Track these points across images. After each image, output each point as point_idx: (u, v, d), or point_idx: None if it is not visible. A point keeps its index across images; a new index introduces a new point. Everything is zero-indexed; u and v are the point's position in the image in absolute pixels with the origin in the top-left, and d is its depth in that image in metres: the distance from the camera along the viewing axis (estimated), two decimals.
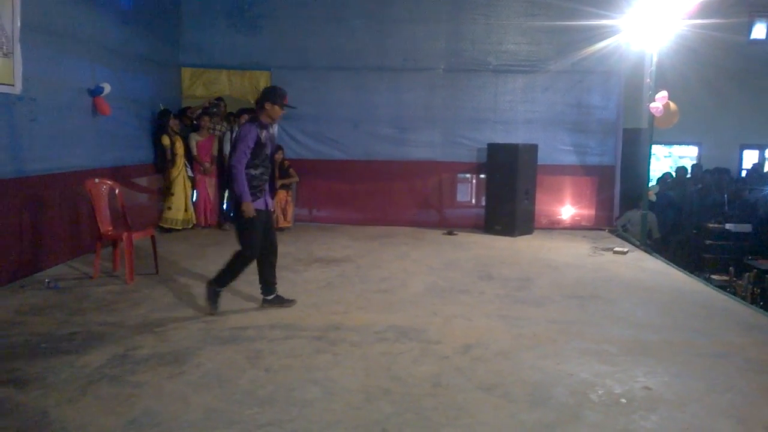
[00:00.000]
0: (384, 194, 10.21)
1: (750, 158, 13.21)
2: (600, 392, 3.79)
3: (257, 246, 5.13)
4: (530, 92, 10.13)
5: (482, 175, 10.03)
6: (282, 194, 9.09)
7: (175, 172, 8.79)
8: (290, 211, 9.32)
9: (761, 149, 13.50)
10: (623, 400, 3.69)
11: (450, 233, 9.47)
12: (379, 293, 6.00)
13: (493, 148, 9.65)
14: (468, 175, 10.22)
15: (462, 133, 10.17)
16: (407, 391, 3.73)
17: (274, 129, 9.34)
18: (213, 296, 5.12)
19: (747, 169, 10.96)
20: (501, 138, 9.88)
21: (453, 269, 7.10)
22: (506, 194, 9.38)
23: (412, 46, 10.05)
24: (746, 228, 8.04)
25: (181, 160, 8.82)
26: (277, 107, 5.04)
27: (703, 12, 8.19)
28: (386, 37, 10.05)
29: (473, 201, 10.24)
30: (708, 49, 10.53)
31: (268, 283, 5.36)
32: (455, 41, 10.06)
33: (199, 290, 5.83)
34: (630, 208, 9.86)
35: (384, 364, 4.14)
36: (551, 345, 4.62)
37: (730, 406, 3.67)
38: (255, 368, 4.00)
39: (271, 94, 5.06)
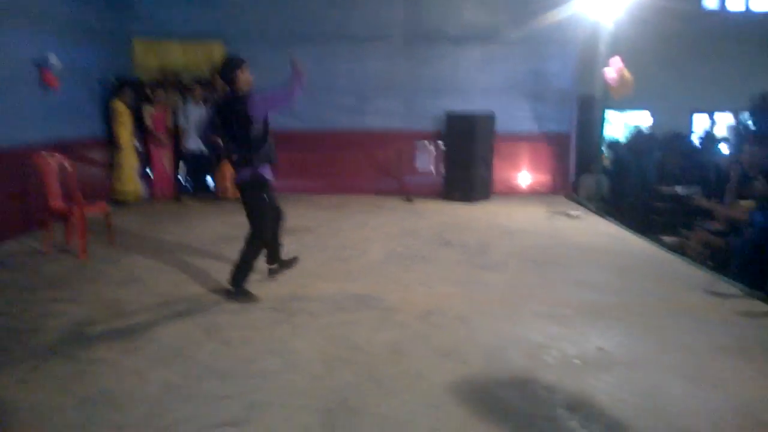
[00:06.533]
0: (344, 163, 10.17)
1: (700, 122, 13.53)
2: (554, 354, 3.88)
3: (268, 225, 4.93)
4: (488, 61, 10.15)
5: (441, 144, 10.05)
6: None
7: (122, 145, 8.57)
8: None
9: (711, 114, 13.83)
10: (577, 362, 3.78)
11: (408, 200, 9.50)
12: (338, 262, 6.00)
13: (452, 117, 9.68)
14: (427, 144, 10.22)
15: (421, 102, 10.17)
16: (367, 359, 3.76)
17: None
18: (243, 295, 4.79)
19: (701, 137, 11.22)
20: (460, 106, 9.88)
21: (412, 236, 7.14)
22: (465, 162, 9.46)
23: (372, 15, 9.93)
24: (696, 190, 8.23)
25: (127, 132, 8.59)
26: (244, 69, 4.71)
27: None
28: (345, 6, 9.90)
29: (432, 170, 10.26)
30: (661, 19, 10.65)
31: (274, 251, 5.31)
32: (414, 10, 9.98)
33: (154, 263, 5.78)
34: (585, 172, 10.04)
35: (344, 333, 4.16)
36: (508, 309, 4.70)
37: (682, 365, 3.79)
38: (213, 341, 3.98)
39: (231, 64, 4.73)
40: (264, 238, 4.91)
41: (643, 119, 13.43)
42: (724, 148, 10.35)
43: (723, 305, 4.91)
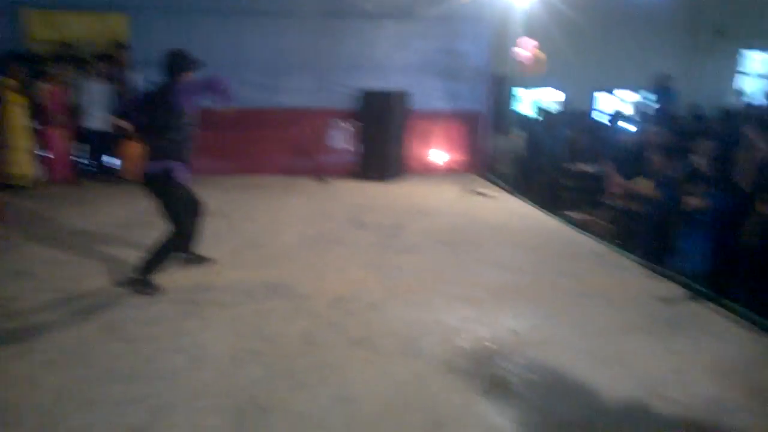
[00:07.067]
0: (257, 143, 9.83)
1: (603, 100, 13.99)
2: (469, 338, 3.91)
3: (187, 219, 4.77)
4: (404, 38, 10.02)
5: (355, 123, 9.92)
6: (136, 145, 8.40)
7: (10, 122, 7.92)
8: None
9: (610, 91, 14.34)
10: (491, 345, 3.82)
11: (323, 180, 9.35)
12: (250, 248, 5.81)
13: (367, 95, 9.56)
14: (342, 123, 10.06)
15: (337, 80, 9.95)
16: (278, 351, 3.66)
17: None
18: (148, 287, 4.50)
19: (611, 115, 11.55)
20: (375, 84, 9.75)
21: (326, 219, 7.02)
22: (380, 140, 9.39)
23: None
24: (602, 169, 8.47)
25: (18, 110, 7.95)
26: (191, 72, 4.71)
27: None
28: None
29: (347, 148, 10.12)
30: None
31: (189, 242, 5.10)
32: None
33: (51, 254, 5.41)
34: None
35: (255, 325, 4.04)
36: (422, 293, 4.70)
37: (590, 344, 3.91)
38: (115, 340, 3.76)
39: (182, 62, 4.65)
40: (183, 234, 4.72)
41: (551, 97, 13.75)
42: (630, 127, 10.70)
43: (628, 283, 5.09)
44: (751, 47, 14.80)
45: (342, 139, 9.90)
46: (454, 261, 5.56)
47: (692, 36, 14.56)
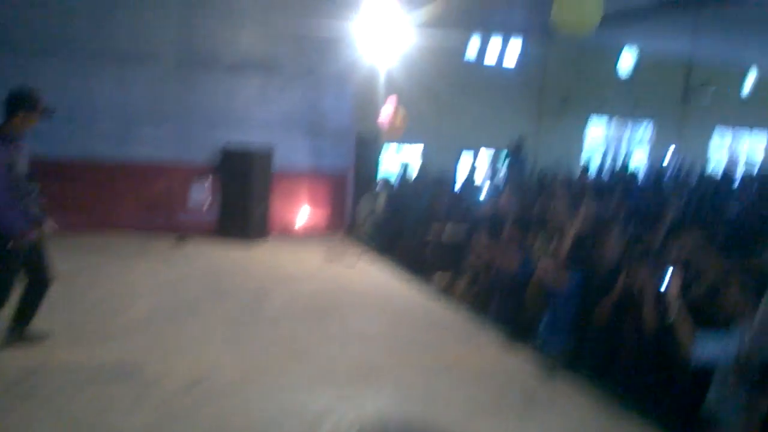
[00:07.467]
0: (106, 198, 9.12)
1: (465, 163, 14.64)
2: (331, 424, 3.68)
3: (11, 286, 4.26)
4: (267, 93, 9.86)
5: (216, 179, 9.52)
6: None
7: None
8: None
9: (475, 152, 15.09)
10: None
11: (180, 240, 8.79)
12: (92, 321, 5.24)
13: (227, 151, 9.23)
14: (201, 179, 9.61)
15: (195, 133, 9.51)
16: None
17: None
18: None
19: (464, 180, 11.99)
20: (237, 139, 9.45)
21: (182, 285, 6.56)
22: (241, 200, 9.05)
23: (140, 34, 9.09)
24: (461, 233, 8.67)
25: None
26: (35, 115, 4.25)
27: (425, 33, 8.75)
28: (109, 21, 8.92)
29: (206, 206, 9.65)
30: (431, 66, 11.37)
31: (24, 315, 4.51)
32: (188, 32, 9.34)
33: None
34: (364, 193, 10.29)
35: (92, 417, 3.57)
36: (284, 373, 4.43)
37: (450, 424, 3.83)
38: None
39: (26, 101, 4.19)
40: (3, 299, 4.18)
41: (415, 157, 14.15)
42: (486, 190, 11.13)
43: (485, 357, 5.09)
44: (593, 114, 16.34)
45: (201, 196, 9.45)
46: (317, 334, 5.34)
47: (540, 102, 15.73)
